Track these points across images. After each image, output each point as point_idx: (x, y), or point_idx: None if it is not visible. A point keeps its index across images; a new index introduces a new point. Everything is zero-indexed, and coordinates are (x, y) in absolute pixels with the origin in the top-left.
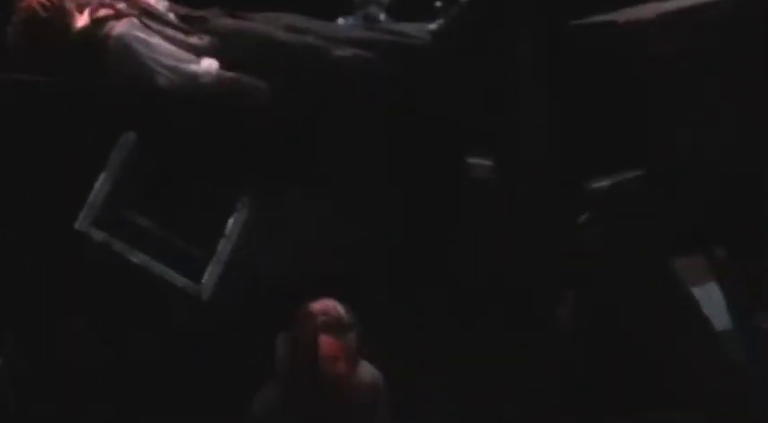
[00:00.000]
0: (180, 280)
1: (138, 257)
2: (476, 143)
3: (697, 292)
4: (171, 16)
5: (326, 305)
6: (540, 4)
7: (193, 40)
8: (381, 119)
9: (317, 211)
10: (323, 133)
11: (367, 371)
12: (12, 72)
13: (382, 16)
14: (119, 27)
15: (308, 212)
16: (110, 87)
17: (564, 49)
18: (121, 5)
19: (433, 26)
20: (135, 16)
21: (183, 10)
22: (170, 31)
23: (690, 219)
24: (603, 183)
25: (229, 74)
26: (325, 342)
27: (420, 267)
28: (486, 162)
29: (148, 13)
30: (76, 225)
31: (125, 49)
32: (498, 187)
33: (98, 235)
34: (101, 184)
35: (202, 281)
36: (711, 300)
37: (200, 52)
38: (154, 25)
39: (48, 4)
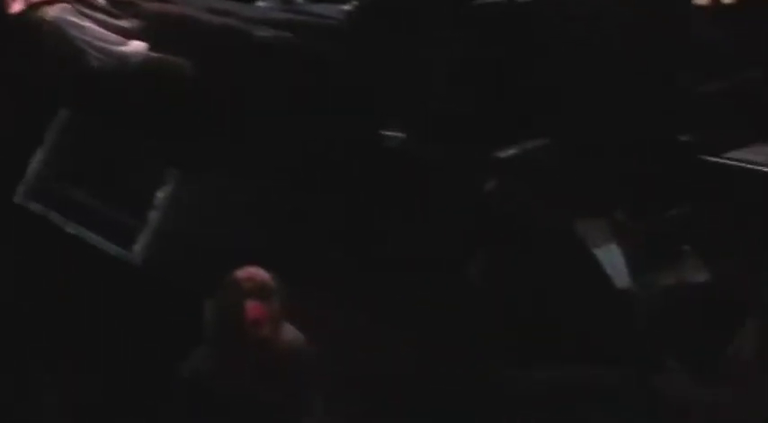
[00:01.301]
0: (113, 248)
1: (72, 228)
2: (390, 116)
3: (599, 253)
4: (101, 1)
5: (251, 272)
6: None
7: (123, 23)
8: (300, 95)
9: (242, 184)
10: (244, 111)
11: (291, 334)
12: None
13: None
14: (52, 11)
15: (233, 185)
16: (45, 68)
17: (473, 21)
18: None
19: (347, 7)
20: (67, 1)
21: None
22: (101, 15)
23: (592, 184)
24: (511, 151)
25: (156, 55)
26: (251, 307)
27: (338, 237)
28: (400, 134)
29: None
30: (15, 198)
31: (59, 33)
32: (411, 157)
33: (35, 207)
34: (37, 158)
35: (134, 249)
36: (613, 260)
37: (129, 35)
38: (85, 10)
39: None
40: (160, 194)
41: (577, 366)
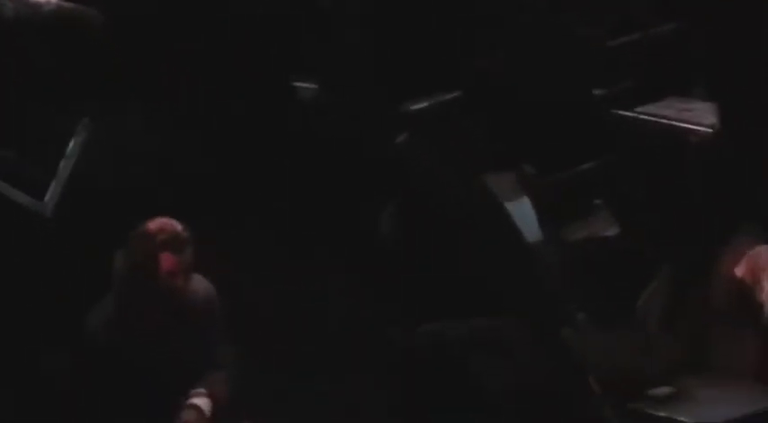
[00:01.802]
0: (23, 198)
1: None
2: (302, 67)
3: (509, 206)
4: None
5: (164, 223)
6: None
7: None
8: (213, 44)
9: (152, 132)
10: (156, 60)
11: (200, 283)
12: None
13: None
14: None
15: (145, 135)
16: None
17: None
18: None
19: None
20: None
21: None
22: None
23: (501, 138)
24: (422, 103)
25: (68, 3)
26: (165, 259)
27: (250, 187)
28: (312, 85)
29: None
30: None
31: None
32: (322, 108)
33: None
34: None
35: (45, 199)
36: (523, 213)
37: None
38: None
39: None
40: (71, 144)
41: (477, 319)
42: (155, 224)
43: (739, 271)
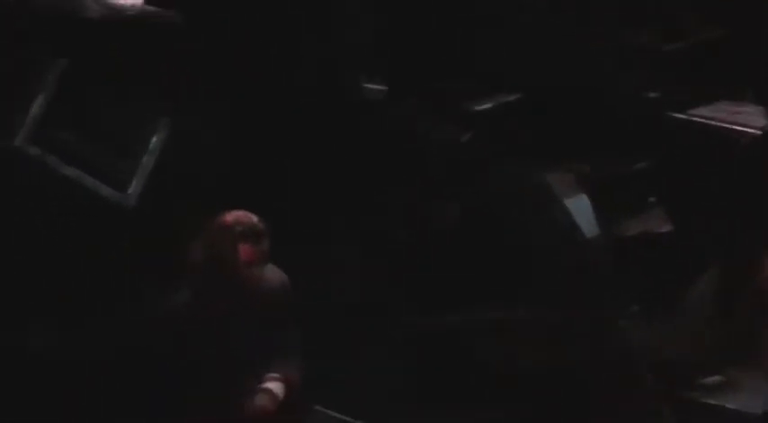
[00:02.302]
0: (107, 190)
1: (69, 171)
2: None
3: (568, 203)
4: None
5: (240, 215)
6: None
7: None
8: (287, 46)
9: (230, 131)
10: (233, 61)
11: (274, 273)
12: None
13: None
14: None
15: (222, 132)
16: (45, 18)
17: None
18: None
19: None
20: None
21: None
22: None
23: (559, 138)
24: (485, 105)
25: (151, 8)
26: (244, 250)
27: (321, 183)
28: (381, 87)
29: None
30: (15, 142)
31: None
32: (390, 109)
33: (33, 150)
34: (36, 104)
35: (128, 191)
36: (581, 210)
37: None
38: None
39: None
40: (154, 140)
41: (537, 310)
42: (231, 216)
43: None
